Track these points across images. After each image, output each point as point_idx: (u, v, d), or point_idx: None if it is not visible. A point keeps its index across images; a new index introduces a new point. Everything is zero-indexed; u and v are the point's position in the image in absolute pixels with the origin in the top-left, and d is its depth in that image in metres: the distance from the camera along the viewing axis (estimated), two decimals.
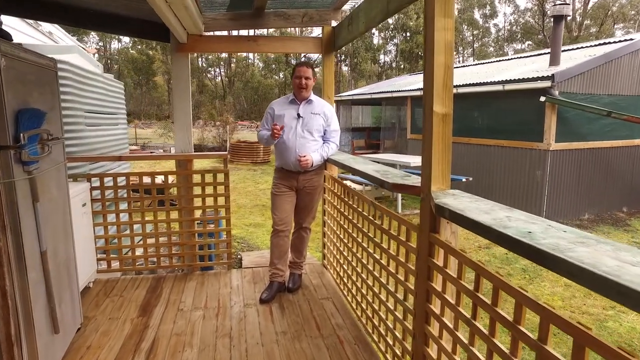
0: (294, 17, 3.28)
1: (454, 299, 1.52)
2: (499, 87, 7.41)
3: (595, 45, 9.23)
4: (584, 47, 9.73)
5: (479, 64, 13.53)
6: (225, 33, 3.72)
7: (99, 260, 3.35)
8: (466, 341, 1.44)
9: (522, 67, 9.28)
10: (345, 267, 3.01)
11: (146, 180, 3.38)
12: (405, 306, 1.99)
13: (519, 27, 43.98)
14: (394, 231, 2.10)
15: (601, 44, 9.21)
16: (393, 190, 1.96)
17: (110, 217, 3.54)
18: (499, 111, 7.78)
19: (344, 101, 14.65)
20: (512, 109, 7.44)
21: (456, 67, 13.40)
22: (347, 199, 2.83)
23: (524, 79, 7.07)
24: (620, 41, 8.57)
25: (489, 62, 12.91)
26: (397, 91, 11.00)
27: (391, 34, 44.81)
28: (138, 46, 40.80)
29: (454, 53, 1.57)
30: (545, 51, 11.28)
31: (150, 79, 41.22)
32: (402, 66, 43.21)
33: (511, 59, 12.28)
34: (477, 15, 46.98)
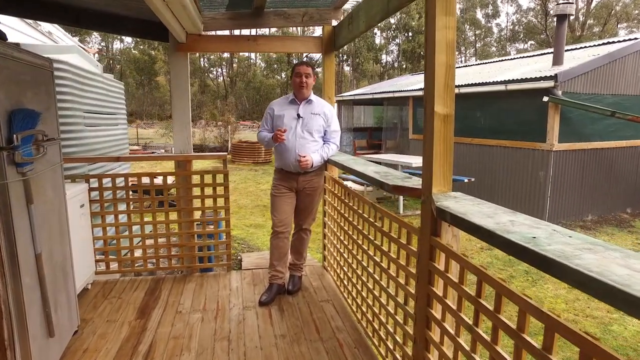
0: (294, 16, 3.25)
1: (455, 304, 1.48)
2: (501, 87, 7.35)
3: (599, 45, 9.15)
4: (587, 46, 9.65)
5: (481, 63, 13.46)
6: (227, 32, 3.69)
7: (97, 262, 3.33)
8: (468, 348, 1.40)
9: (525, 67, 9.22)
10: (345, 269, 2.98)
11: (145, 181, 3.36)
12: (406, 310, 1.96)
13: (521, 27, 43.83)
14: (394, 234, 2.06)
15: (605, 43, 9.13)
16: (393, 193, 1.93)
17: (109, 218, 3.52)
18: (501, 111, 7.72)
19: (345, 101, 14.60)
20: (515, 109, 7.38)
21: (458, 67, 13.34)
22: (347, 200, 2.80)
23: (526, 78, 7.02)
24: (624, 40, 8.50)
25: (491, 62, 12.83)
26: (399, 91, 10.96)
27: (393, 33, 44.76)
28: (140, 46, 40.88)
29: (455, 52, 1.54)
30: (548, 51, 11.21)
31: (152, 79, 41.29)
32: (404, 66, 43.15)
33: (514, 58, 12.20)
34: (479, 15, 46.89)
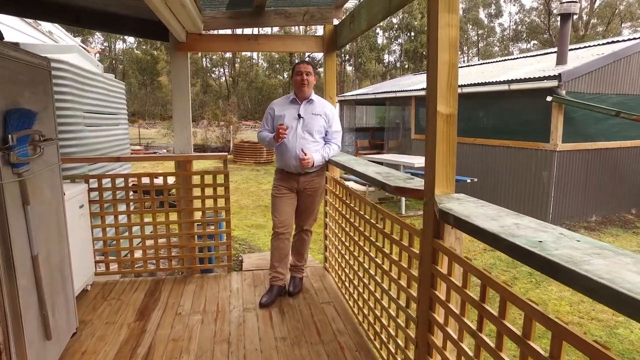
0: (295, 15, 3.22)
1: (458, 309, 1.45)
2: (504, 87, 7.30)
3: (603, 44, 9.08)
4: (591, 45, 9.58)
5: (484, 63, 13.39)
6: (229, 32, 3.66)
7: (97, 263, 3.31)
8: (471, 353, 1.37)
9: (528, 66, 9.15)
10: (347, 271, 2.94)
11: (145, 181, 3.33)
12: (408, 313, 1.92)
13: (524, 27, 43.67)
14: (396, 235, 2.03)
15: (609, 42, 9.07)
16: (395, 194, 1.89)
17: (109, 219, 3.50)
18: (504, 111, 7.67)
19: (347, 101, 14.56)
20: (518, 109, 7.33)
21: (461, 67, 13.27)
22: (348, 201, 2.76)
23: (530, 78, 6.96)
24: (628, 40, 8.43)
25: (494, 62, 12.76)
26: (401, 91, 10.91)
27: (395, 33, 44.69)
28: (143, 46, 40.99)
29: (458, 50, 1.50)
30: (551, 50, 11.14)
31: (154, 79, 41.38)
32: (407, 66, 43.08)
33: (517, 58, 12.13)
34: (482, 14, 46.75)
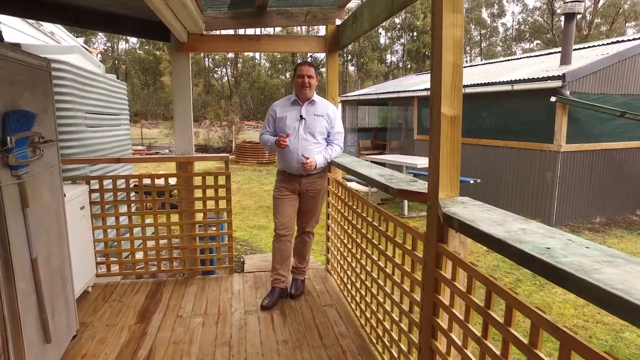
0: (297, 15, 3.19)
1: (462, 315, 1.42)
2: (507, 87, 7.25)
3: (608, 44, 9.01)
4: (596, 45, 9.51)
5: (487, 63, 13.33)
6: (231, 32, 3.64)
7: (98, 264, 3.29)
8: None
9: (532, 66, 9.10)
10: (349, 273, 2.92)
11: (146, 182, 3.32)
12: (411, 318, 1.89)
13: (527, 26, 43.50)
14: (399, 239, 2.00)
15: (614, 42, 9.00)
16: (398, 197, 1.86)
17: (110, 220, 3.48)
18: (507, 112, 7.62)
19: (350, 101, 14.53)
20: (522, 109, 7.28)
21: (464, 67, 13.18)
22: (351, 203, 2.74)
23: (533, 78, 6.91)
24: (633, 39, 8.37)
25: (497, 62, 12.70)
26: (404, 91, 10.87)
27: (398, 33, 44.61)
28: (145, 47, 41.07)
29: (463, 51, 1.47)
30: (555, 50, 11.08)
31: (157, 79, 41.46)
32: (409, 66, 42.99)
33: (520, 58, 12.06)
34: (484, 14, 46.60)
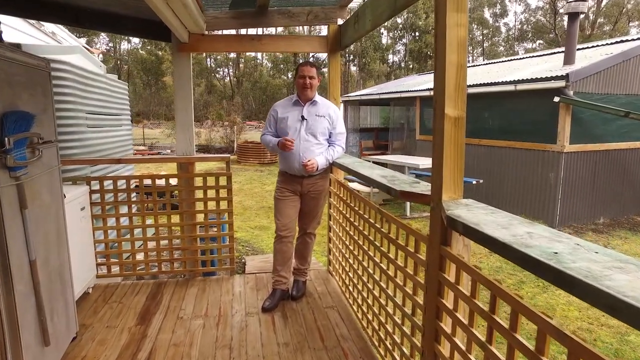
0: (299, 15, 3.17)
1: (466, 319, 1.39)
2: (510, 87, 7.21)
3: (612, 44, 8.96)
4: (599, 45, 9.45)
5: (490, 63, 13.27)
6: (233, 32, 3.62)
7: (99, 265, 3.28)
8: None
9: (535, 66, 9.05)
10: (350, 275, 2.89)
11: (147, 183, 3.30)
12: (414, 321, 1.87)
13: (529, 26, 43.36)
14: (401, 241, 1.97)
15: (618, 42, 8.94)
16: (400, 198, 1.84)
17: (111, 221, 3.47)
18: (510, 112, 7.58)
19: (352, 101, 14.50)
20: (525, 109, 7.24)
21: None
22: (353, 204, 2.71)
23: (537, 78, 6.87)
24: (637, 39, 8.31)
25: (500, 62, 12.64)
26: (406, 91, 10.83)
27: (400, 33, 44.55)
28: (147, 47, 41.12)
29: (467, 51, 1.45)
30: (558, 50, 11.02)
31: (159, 79, 41.51)
32: (411, 66, 42.93)
33: (523, 58, 12.01)
34: (487, 14, 46.49)
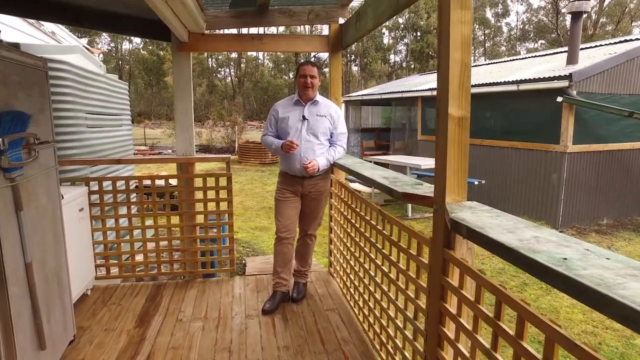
0: (299, 14, 3.14)
1: (470, 325, 1.36)
2: (513, 87, 7.16)
3: (615, 43, 8.90)
4: (603, 44, 9.39)
5: (491, 63, 13.22)
6: (234, 31, 3.59)
7: (97, 267, 3.25)
8: None
9: (538, 66, 9.00)
10: (352, 277, 2.86)
11: (146, 183, 3.27)
12: (416, 326, 1.83)
13: (531, 26, 43.24)
14: (403, 243, 1.94)
15: (621, 41, 8.88)
16: (403, 200, 1.80)
17: (110, 222, 3.44)
18: (513, 112, 7.53)
19: (353, 101, 14.46)
20: (527, 109, 7.19)
21: None
22: (354, 205, 2.68)
23: (540, 78, 6.82)
24: None
25: (502, 62, 12.59)
26: (408, 91, 10.79)
27: (401, 33, 44.47)
28: (149, 47, 41.14)
29: (471, 49, 1.41)
30: (561, 50, 10.97)
31: (160, 79, 41.51)
32: (413, 66, 42.85)
33: (526, 57, 11.95)
34: (488, 14, 46.38)
